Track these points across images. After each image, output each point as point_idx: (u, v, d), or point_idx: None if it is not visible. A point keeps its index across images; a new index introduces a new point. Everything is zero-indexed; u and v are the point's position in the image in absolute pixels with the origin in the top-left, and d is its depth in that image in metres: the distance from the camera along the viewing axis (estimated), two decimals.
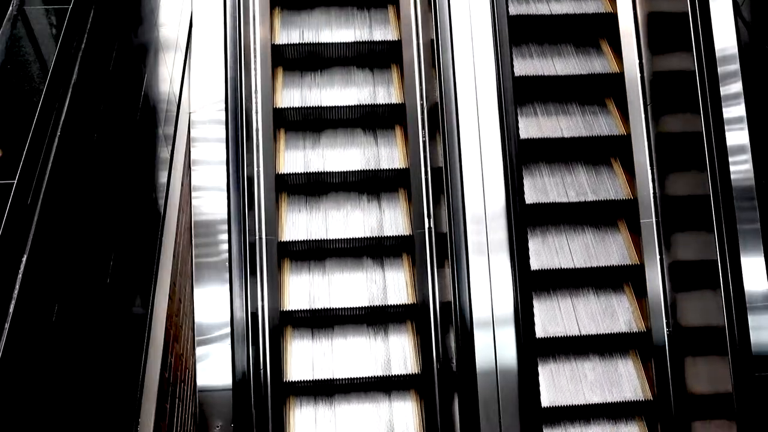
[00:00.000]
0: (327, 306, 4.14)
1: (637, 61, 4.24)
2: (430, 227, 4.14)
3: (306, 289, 4.21)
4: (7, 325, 1.60)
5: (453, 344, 3.68)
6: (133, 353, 2.69)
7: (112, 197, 2.57)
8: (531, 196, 4.23)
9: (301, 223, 4.34)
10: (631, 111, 4.23)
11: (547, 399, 3.88)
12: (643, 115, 4.17)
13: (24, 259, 1.74)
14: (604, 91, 4.56)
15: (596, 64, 4.58)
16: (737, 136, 3.37)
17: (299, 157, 4.45)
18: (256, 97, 4.33)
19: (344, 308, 4.14)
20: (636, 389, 3.97)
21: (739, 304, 3.26)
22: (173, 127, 3.64)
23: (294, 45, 4.63)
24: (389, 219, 4.35)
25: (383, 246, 4.33)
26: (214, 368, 3.31)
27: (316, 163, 4.44)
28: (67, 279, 2.05)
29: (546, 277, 4.13)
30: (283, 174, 4.35)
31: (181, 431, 3.32)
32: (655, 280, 3.97)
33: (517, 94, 4.05)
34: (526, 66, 4.54)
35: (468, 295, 3.54)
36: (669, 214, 3.93)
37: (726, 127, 3.38)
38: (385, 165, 4.42)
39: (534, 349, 3.67)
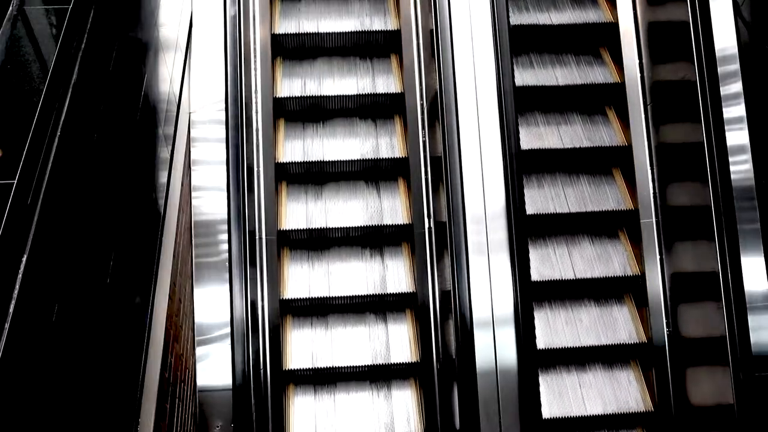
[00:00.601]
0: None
1: (638, 63, 4.24)
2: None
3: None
4: (7, 325, 1.60)
5: (453, 337, 3.69)
6: (133, 353, 2.69)
7: (112, 197, 2.57)
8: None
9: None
10: (631, 111, 4.23)
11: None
12: (643, 115, 4.17)
13: (24, 259, 1.74)
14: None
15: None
16: (737, 136, 3.37)
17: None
18: (256, 97, 4.34)
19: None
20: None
21: (739, 304, 3.26)
22: (173, 127, 3.64)
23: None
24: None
25: None
26: (214, 368, 3.31)
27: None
28: (67, 279, 2.05)
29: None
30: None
31: (181, 431, 3.33)
32: (655, 281, 3.97)
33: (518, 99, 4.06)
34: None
35: (468, 295, 3.54)
36: (669, 217, 3.94)
37: (726, 127, 3.38)
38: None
39: (534, 350, 3.67)
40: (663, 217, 3.95)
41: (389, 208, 4.40)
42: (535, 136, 4.38)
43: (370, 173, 4.49)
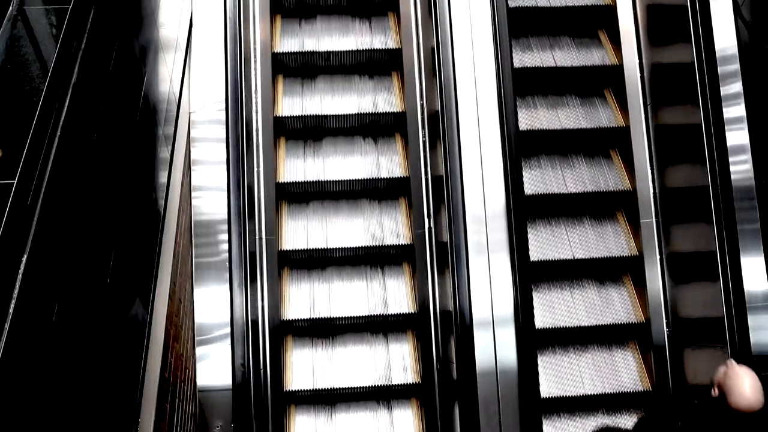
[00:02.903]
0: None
1: (638, 61, 4.26)
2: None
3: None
4: (7, 325, 1.60)
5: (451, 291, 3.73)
6: (133, 353, 2.69)
7: (112, 197, 2.57)
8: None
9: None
10: (631, 115, 4.24)
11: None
12: (643, 116, 4.19)
13: (24, 259, 1.74)
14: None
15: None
16: (737, 136, 3.37)
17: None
18: (256, 97, 4.35)
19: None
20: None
21: (738, 304, 3.26)
22: (173, 127, 3.63)
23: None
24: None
25: None
26: (214, 368, 3.30)
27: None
28: (67, 279, 2.05)
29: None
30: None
31: (181, 431, 3.33)
32: (654, 281, 3.97)
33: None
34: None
35: (468, 295, 3.54)
36: (669, 215, 3.94)
37: (726, 127, 3.38)
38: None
39: (534, 346, 3.67)
40: (662, 209, 3.99)
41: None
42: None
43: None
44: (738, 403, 2.38)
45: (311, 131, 4.61)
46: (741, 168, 3.35)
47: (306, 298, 4.26)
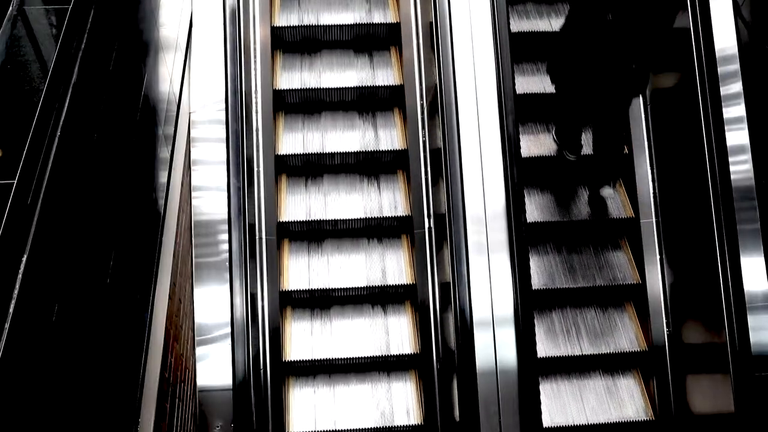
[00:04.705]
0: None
1: None
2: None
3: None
4: (7, 325, 1.60)
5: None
6: (133, 353, 2.69)
7: (112, 197, 2.57)
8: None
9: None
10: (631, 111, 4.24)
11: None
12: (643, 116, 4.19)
13: (24, 259, 1.74)
14: None
15: None
16: (737, 136, 3.37)
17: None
18: (256, 97, 4.35)
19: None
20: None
21: (738, 304, 3.26)
22: (173, 127, 3.63)
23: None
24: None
25: None
26: (214, 368, 3.30)
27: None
28: (67, 279, 2.05)
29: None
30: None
31: (181, 431, 3.33)
32: (655, 282, 3.97)
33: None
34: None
35: (468, 295, 3.54)
36: (669, 214, 3.94)
37: (726, 128, 3.38)
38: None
39: (534, 349, 3.67)
40: (662, 209, 4.00)
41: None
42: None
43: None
44: None
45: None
46: (741, 168, 3.35)
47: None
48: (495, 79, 3.68)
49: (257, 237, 4.15)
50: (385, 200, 4.45)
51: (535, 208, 4.36)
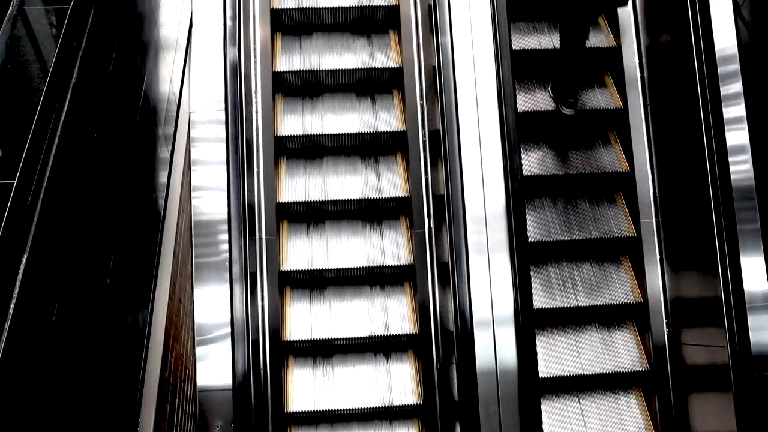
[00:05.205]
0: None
1: (638, 62, 4.26)
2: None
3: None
4: (7, 325, 1.60)
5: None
6: (133, 353, 2.69)
7: (112, 197, 2.57)
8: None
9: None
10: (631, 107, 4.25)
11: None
12: (643, 118, 4.19)
13: (24, 259, 1.74)
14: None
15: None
16: (737, 136, 3.37)
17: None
18: (256, 97, 4.35)
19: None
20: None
21: (738, 304, 3.26)
22: (173, 127, 3.64)
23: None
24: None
25: None
26: (214, 368, 3.30)
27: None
28: (67, 279, 2.05)
29: None
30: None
31: (181, 431, 3.33)
32: (654, 281, 3.98)
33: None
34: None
35: (468, 295, 3.54)
36: (668, 215, 3.94)
37: (726, 128, 3.38)
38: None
39: (533, 345, 3.67)
40: (662, 209, 4.01)
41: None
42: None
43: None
44: None
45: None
46: (741, 168, 3.35)
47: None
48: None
49: (257, 237, 4.16)
50: (388, 248, 4.46)
51: (532, 164, 4.41)
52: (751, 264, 3.27)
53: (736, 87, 3.40)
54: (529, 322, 3.58)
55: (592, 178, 4.37)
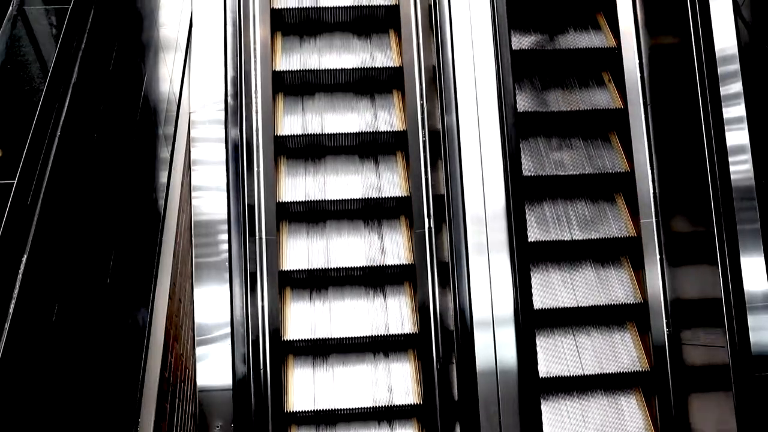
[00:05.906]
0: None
1: (637, 62, 4.27)
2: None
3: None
4: (7, 325, 1.60)
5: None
6: (133, 353, 2.69)
7: (112, 197, 2.57)
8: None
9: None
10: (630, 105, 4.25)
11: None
12: (643, 117, 4.20)
13: (24, 259, 1.74)
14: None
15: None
16: (737, 136, 3.37)
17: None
18: (256, 97, 4.35)
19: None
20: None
21: (738, 304, 3.26)
22: (173, 127, 3.64)
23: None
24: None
25: None
26: (214, 368, 3.31)
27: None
28: (67, 279, 2.05)
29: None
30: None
31: (181, 431, 3.33)
32: (654, 281, 3.98)
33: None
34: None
35: (468, 295, 3.54)
36: (669, 215, 3.94)
37: (726, 127, 3.38)
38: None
39: (533, 345, 3.68)
40: (662, 209, 4.02)
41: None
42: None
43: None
44: None
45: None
46: (741, 168, 3.35)
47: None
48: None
49: (257, 237, 4.16)
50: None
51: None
52: (751, 264, 3.27)
53: (736, 87, 3.40)
54: (530, 322, 3.59)
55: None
